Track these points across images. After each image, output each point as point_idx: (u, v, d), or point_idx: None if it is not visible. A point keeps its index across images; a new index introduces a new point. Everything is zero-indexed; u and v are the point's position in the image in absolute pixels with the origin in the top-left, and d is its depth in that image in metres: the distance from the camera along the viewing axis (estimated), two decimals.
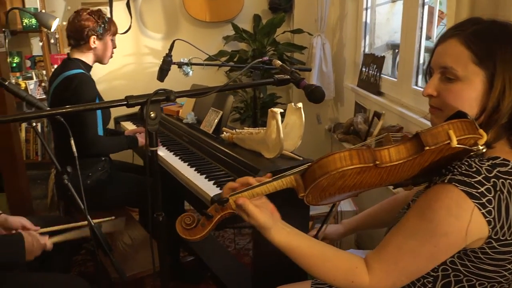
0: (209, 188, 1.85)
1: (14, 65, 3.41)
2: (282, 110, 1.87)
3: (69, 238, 1.78)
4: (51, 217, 2.13)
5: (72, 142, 1.61)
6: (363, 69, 2.93)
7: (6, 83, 1.60)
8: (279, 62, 1.49)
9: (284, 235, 1.07)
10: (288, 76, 1.38)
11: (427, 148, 0.91)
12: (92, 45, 2.33)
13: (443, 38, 1.07)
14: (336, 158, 0.93)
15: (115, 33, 2.45)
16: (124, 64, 3.60)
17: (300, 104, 1.96)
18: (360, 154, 0.93)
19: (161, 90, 1.11)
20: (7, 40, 2.93)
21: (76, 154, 1.60)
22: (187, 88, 2.85)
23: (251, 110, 3.36)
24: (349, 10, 3.14)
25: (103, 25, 2.34)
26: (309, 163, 1.01)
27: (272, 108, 1.86)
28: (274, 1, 3.42)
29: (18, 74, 3.39)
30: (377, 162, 0.92)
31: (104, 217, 1.93)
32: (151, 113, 1.09)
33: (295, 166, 1.88)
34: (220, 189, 1.83)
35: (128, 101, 1.08)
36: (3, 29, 2.82)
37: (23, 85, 3.23)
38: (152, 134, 1.11)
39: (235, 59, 3.39)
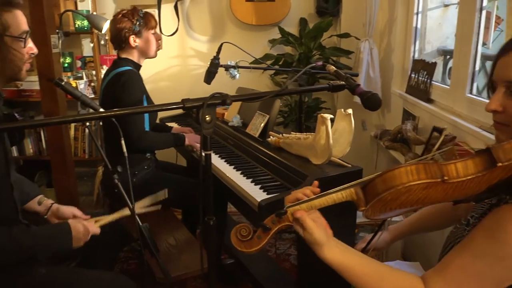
0: (256, 193, 1.84)
1: (66, 65, 3.52)
2: (332, 116, 1.85)
3: (114, 218, 1.80)
4: (97, 214, 2.16)
5: (123, 142, 1.64)
6: (412, 75, 2.85)
7: (63, 83, 1.65)
8: (333, 67, 1.47)
9: (337, 253, 1.04)
10: (343, 82, 1.35)
11: (500, 164, 0.86)
12: (133, 44, 2.38)
13: (505, 50, 1.01)
14: (402, 172, 0.89)
15: (154, 26, 2.47)
16: (169, 66, 3.65)
17: (350, 110, 1.92)
18: (427, 169, 0.89)
19: (217, 94, 1.11)
20: (60, 41, 3.02)
21: (126, 154, 1.63)
22: (233, 91, 2.86)
23: (295, 114, 3.35)
24: (398, 15, 3.07)
25: (138, 23, 2.36)
26: (371, 176, 0.97)
27: (321, 114, 1.83)
28: (322, 5, 3.38)
29: (69, 74, 3.50)
30: (445, 178, 0.87)
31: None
32: (207, 116, 1.09)
33: (344, 173, 1.88)
34: (267, 194, 1.82)
35: (185, 104, 1.08)
36: (57, 31, 2.91)
37: (73, 84, 3.32)
38: (206, 138, 1.11)
39: (280, 63, 3.38)
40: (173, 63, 3.67)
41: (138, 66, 2.44)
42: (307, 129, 3.25)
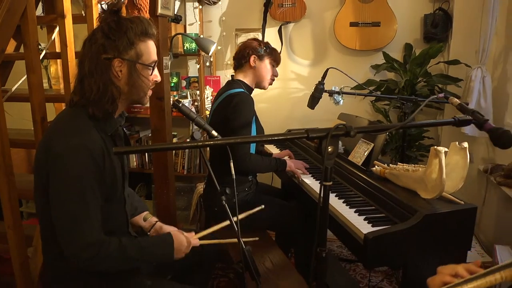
0: (361, 224, 1.78)
1: (172, 84, 3.72)
2: (446, 149, 1.75)
3: (215, 242, 1.84)
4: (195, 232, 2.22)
5: (232, 164, 1.67)
6: None
7: (180, 104, 1.73)
8: (457, 100, 1.39)
9: None
10: (470, 117, 1.27)
11: None
12: (252, 64, 2.45)
13: None
14: None
15: (276, 61, 2.55)
16: (270, 88, 3.67)
17: (465, 144, 1.81)
18: None
19: (341, 125, 1.09)
20: (170, 62, 3.20)
21: (234, 177, 1.65)
22: (334, 116, 2.83)
23: (395, 142, 3.23)
24: None
25: (264, 48, 2.46)
26: None
27: (435, 147, 1.75)
28: (430, 31, 3.25)
29: (174, 93, 3.69)
30: None
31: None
32: (329, 147, 1.07)
33: (456, 210, 1.76)
34: (372, 226, 1.75)
35: (309, 134, 1.07)
36: (169, 53, 3.09)
37: None
38: (327, 169, 1.09)
39: (382, 89, 3.29)
40: (273, 86, 3.65)
41: (250, 90, 2.50)
42: (407, 159, 3.11)
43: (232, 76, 2.55)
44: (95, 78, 1.47)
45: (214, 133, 1.69)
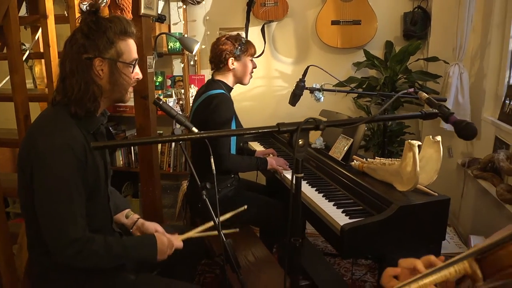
0: (338, 216, 1.84)
1: (157, 83, 3.75)
2: (419, 143, 1.81)
3: (197, 235, 1.86)
4: (180, 227, 2.25)
5: (212, 160, 1.71)
6: (507, 101, 2.70)
7: (161, 102, 1.77)
8: (426, 95, 1.44)
9: None
10: (436, 110, 1.33)
11: None
12: (231, 67, 2.47)
13: None
14: None
15: (253, 54, 2.56)
16: (254, 86, 3.76)
17: (438, 138, 1.88)
18: None
19: (311, 119, 1.14)
20: (154, 61, 3.23)
21: (214, 172, 1.69)
22: (316, 113, 2.89)
23: (377, 138, 3.29)
24: (492, 38, 2.94)
25: (239, 47, 2.47)
26: (486, 245, 0.83)
27: (409, 140, 1.81)
28: (409, 28, 3.32)
29: (160, 92, 3.72)
30: None
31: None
32: (300, 141, 1.12)
33: (430, 201, 1.82)
34: (350, 218, 1.81)
35: (280, 128, 1.12)
36: (153, 52, 3.12)
37: None
38: (298, 161, 1.14)
39: (364, 86, 3.35)
40: (258, 84, 3.77)
41: (229, 89, 2.53)
42: (389, 154, 3.18)
43: (212, 75, 2.57)
44: (76, 78, 1.50)
45: (195, 129, 1.73)
